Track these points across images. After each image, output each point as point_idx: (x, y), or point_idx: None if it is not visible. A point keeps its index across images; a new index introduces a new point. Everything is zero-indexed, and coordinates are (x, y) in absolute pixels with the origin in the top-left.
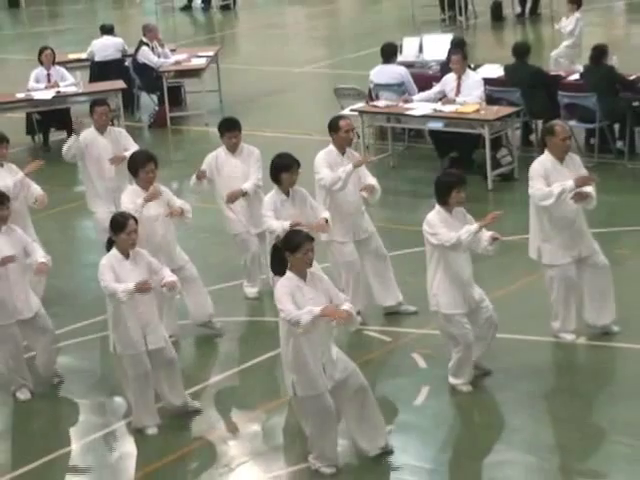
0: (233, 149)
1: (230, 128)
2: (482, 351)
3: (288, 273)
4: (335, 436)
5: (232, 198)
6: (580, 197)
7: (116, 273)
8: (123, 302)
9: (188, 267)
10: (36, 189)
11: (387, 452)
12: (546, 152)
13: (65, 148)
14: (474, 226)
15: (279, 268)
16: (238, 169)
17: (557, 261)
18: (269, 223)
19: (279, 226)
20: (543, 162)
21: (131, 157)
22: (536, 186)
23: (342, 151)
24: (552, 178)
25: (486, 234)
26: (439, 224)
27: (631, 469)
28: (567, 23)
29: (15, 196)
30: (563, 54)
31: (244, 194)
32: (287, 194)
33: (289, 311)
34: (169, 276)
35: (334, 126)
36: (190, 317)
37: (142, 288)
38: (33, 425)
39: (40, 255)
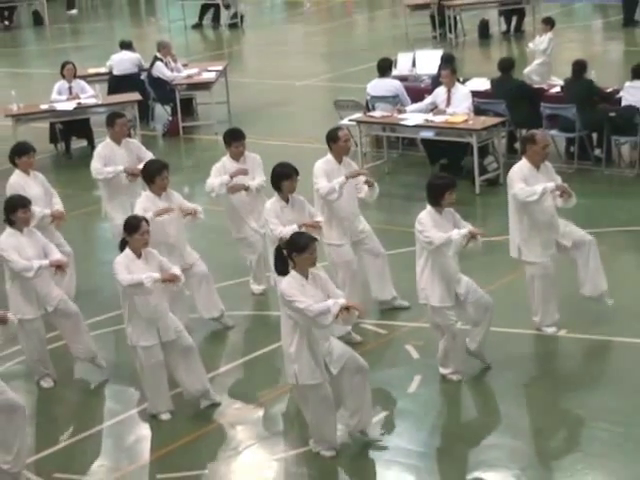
0: (238, 157)
1: (237, 138)
2: (482, 336)
3: (292, 272)
4: (334, 422)
5: (233, 190)
6: (564, 193)
7: (129, 271)
8: (148, 289)
9: (198, 264)
10: (57, 203)
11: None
12: (524, 159)
13: (109, 175)
14: (464, 230)
15: (283, 268)
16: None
17: (537, 259)
18: (279, 230)
19: (290, 231)
20: (521, 167)
21: (145, 166)
22: (519, 186)
23: (339, 160)
24: (530, 183)
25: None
26: (429, 224)
27: (608, 452)
28: (540, 41)
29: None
30: (535, 71)
31: (246, 188)
32: (287, 201)
33: (310, 305)
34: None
35: (333, 137)
36: (199, 313)
37: (167, 280)
38: (55, 411)
39: (57, 255)
